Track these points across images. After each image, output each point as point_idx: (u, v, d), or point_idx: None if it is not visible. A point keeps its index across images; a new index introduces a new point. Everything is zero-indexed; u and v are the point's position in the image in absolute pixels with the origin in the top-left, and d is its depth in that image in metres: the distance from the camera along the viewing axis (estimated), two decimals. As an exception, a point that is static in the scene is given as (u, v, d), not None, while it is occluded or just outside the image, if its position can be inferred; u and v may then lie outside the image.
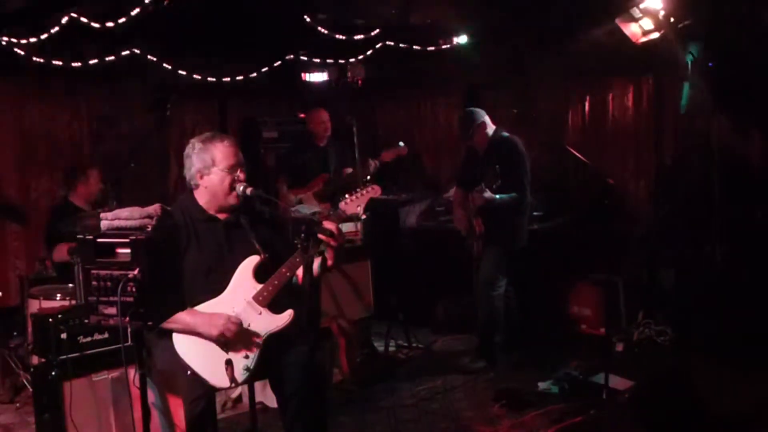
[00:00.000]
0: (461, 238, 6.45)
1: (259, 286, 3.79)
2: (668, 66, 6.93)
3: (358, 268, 6.41)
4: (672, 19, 6.17)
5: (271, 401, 4.98)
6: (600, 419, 4.89)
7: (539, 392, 5.56)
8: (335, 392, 5.66)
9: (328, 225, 3.69)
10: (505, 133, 6.27)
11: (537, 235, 6.78)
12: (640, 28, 6.28)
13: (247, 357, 3.66)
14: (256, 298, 3.76)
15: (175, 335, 3.61)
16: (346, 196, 3.97)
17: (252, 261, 3.85)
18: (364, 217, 3.91)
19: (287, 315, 3.78)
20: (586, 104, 8.08)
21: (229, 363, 3.60)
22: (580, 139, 7.90)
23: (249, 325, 3.70)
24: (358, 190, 3.97)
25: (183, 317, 3.56)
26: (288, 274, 3.80)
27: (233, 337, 3.62)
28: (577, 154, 5.81)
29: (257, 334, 3.71)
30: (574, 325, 7.18)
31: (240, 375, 3.62)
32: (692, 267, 6.81)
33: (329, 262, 3.74)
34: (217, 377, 3.58)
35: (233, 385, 3.61)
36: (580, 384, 5.55)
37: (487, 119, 6.30)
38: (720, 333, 6.08)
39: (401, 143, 6.78)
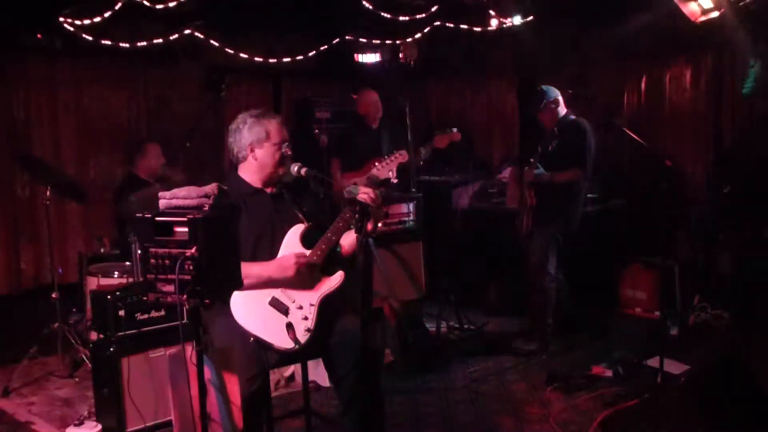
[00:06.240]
0: (514, 219, 6.39)
1: (308, 252, 3.87)
2: (728, 46, 6.79)
3: (410, 249, 6.41)
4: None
5: (324, 380, 5.03)
6: (654, 403, 4.83)
7: (592, 375, 5.52)
8: (387, 373, 5.68)
9: (363, 190, 3.76)
10: (572, 116, 6.21)
11: (591, 217, 6.70)
12: (699, 7, 6.13)
13: (306, 318, 3.74)
14: None
15: (234, 307, 3.68)
16: (376, 163, 4.13)
17: (298, 228, 3.95)
18: (395, 181, 4.04)
19: (338, 276, 3.86)
20: (643, 85, 7.97)
21: (290, 326, 3.68)
22: (637, 119, 7.78)
23: (304, 286, 3.79)
24: (386, 156, 4.14)
25: (255, 270, 3.69)
26: (334, 238, 3.88)
27: (301, 276, 3.73)
28: (634, 135, 5.73)
29: (312, 297, 3.79)
30: (628, 308, 7.12)
31: (302, 336, 3.69)
32: (750, 250, 6.70)
33: (368, 227, 3.77)
34: (281, 339, 3.67)
35: (296, 346, 3.66)
36: (634, 368, 5.51)
37: (560, 99, 6.23)
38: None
39: (454, 129, 6.68)
